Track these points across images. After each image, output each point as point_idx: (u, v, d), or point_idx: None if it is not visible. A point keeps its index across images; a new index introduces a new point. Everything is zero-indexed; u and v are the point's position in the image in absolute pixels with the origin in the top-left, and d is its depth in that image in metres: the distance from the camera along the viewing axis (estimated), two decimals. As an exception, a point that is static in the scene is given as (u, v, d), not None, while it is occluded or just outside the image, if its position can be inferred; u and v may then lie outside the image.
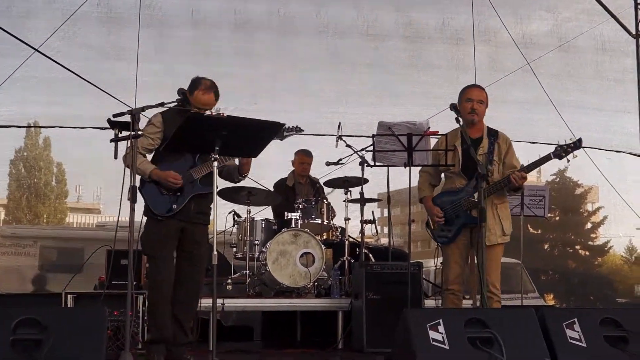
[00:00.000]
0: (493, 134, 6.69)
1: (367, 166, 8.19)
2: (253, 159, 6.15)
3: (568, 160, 6.48)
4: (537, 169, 6.93)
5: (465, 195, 6.56)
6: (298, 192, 9.76)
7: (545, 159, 6.51)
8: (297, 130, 6.32)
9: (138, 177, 5.86)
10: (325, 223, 9.04)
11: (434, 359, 4.65)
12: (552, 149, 6.52)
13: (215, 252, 5.55)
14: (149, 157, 6.17)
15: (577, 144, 6.43)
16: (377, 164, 6.66)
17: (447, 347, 4.71)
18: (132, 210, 5.44)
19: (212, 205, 6.27)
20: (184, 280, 6.19)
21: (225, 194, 8.70)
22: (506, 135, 6.89)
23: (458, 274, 6.63)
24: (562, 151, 6.43)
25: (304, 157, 9.93)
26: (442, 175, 6.88)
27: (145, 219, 6.06)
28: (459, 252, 6.63)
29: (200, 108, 6.05)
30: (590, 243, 33.58)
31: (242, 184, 9.21)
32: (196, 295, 6.33)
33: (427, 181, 6.84)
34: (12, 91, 11.32)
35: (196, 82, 6.15)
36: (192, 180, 6.10)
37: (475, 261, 6.60)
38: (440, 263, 6.86)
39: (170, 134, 5.87)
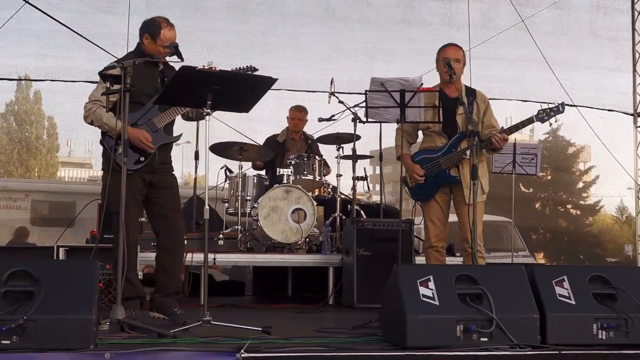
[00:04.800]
0: (471, 93, 6.68)
1: (359, 122, 8.19)
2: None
3: (550, 124, 6.50)
4: (530, 127, 6.94)
5: (444, 153, 6.58)
6: (289, 148, 9.74)
7: (528, 121, 6.53)
8: (252, 69, 6.20)
9: (99, 131, 5.91)
10: (317, 179, 9.04)
11: (424, 315, 4.67)
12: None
13: (207, 207, 5.54)
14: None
15: (560, 108, 6.45)
16: (369, 120, 6.64)
17: (437, 303, 4.73)
18: (124, 164, 5.42)
19: (170, 155, 6.28)
20: (165, 228, 6.16)
21: (217, 150, 8.70)
22: (484, 94, 6.90)
23: (440, 231, 6.71)
24: (544, 115, 6.45)
25: (294, 112, 9.91)
26: (420, 132, 6.89)
27: (103, 173, 5.96)
28: (439, 209, 6.69)
29: (167, 46, 6.01)
30: (581, 202, 33.62)
31: (234, 139, 9.23)
32: (180, 240, 6.30)
33: (404, 139, 6.83)
34: (2, 44, 11.28)
35: (154, 24, 6.09)
36: (155, 129, 6.05)
37: (457, 219, 6.67)
38: (421, 221, 6.91)
39: (135, 84, 5.70)
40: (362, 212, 9.06)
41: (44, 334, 4.22)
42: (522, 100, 12.27)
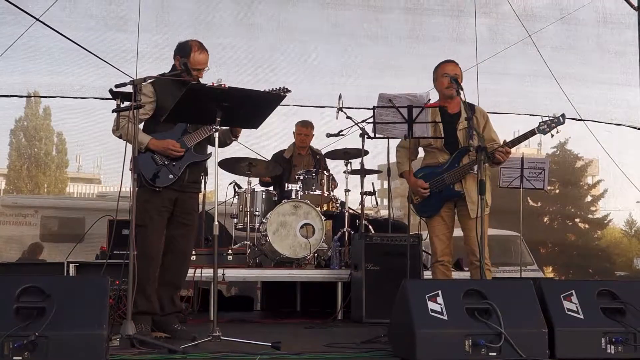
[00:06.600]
0: (470, 108, 6.72)
1: (367, 138, 8.21)
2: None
3: (552, 135, 6.54)
4: (538, 141, 6.99)
5: (448, 169, 6.63)
6: (297, 164, 9.77)
7: (530, 134, 6.60)
8: (284, 91, 6.24)
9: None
10: (325, 194, 9.07)
11: (433, 330, 4.69)
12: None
13: (216, 223, 5.56)
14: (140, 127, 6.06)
15: (561, 119, 6.50)
16: (377, 135, 6.68)
17: (445, 317, 4.75)
18: (134, 180, 5.46)
19: (202, 173, 6.33)
20: (172, 247, 6.19)
21: (226, 165, 8.74)
22: (482, 109, 7.00)
23: (445, 246, 6.74)
24: (545, 126, 6.50)
25: (300, 128, 9.94)
26: (420, 149, 6.93)
27: (136, 189, 5.98)
28: (444, 224, 6.74)
29: (199, 69, 6.06)
30: (589, 216, 33.50)
31: (242, 154, 9.27)
32: (184, 263, 6.34)
33: (405, 156, 6.87)
34: (13, 61, 11.34)
35: (186, 46, 6.12)
36: (185, 148, 6.09)
37: (463, 234, 6.71)
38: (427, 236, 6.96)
39: (164, 103, 5.87)
40: (370, 227, 9.08)
41: (55, 350, 4.25)
42: (530, 115, 12.27)
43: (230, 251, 8.65)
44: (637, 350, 4.87)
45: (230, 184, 9.22)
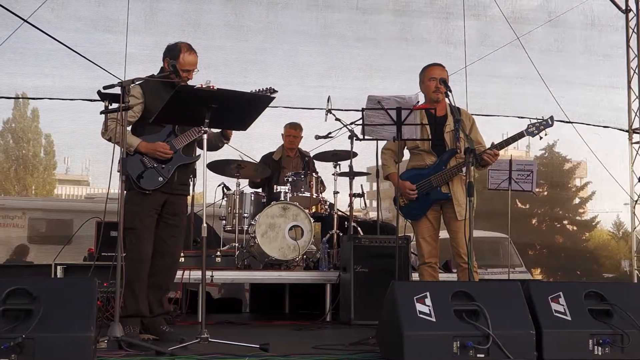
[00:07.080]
0: (456, 111, 6.73)
1: (356, 140, 8.21)
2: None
3: (540, 138, 6.59)
4: (526, 143, 7.04)
5: (434, 171, 6.64)
6: (285, 166, 9.77)
7: (518, 136, 6.65)
8: (271, 91, 6.24)
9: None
10: (314, 196, 9.07)
11: (421, 331, 4.69)
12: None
13: (204, 225, 5.56)
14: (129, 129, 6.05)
15: (549, 122, 6.55)
16: (366, 137, 6.68)
17: (433, 319, 4.75)
18: (122, 182, 5.44)
19: (191, 175, 6.33)
20: (160, 249, 6.16)
21: (214, 167, 8.72)
22: (468, 112, 7.06)
23: (432, 248, 6.79)
24: (534, 129, 6.54)
25: (289, 130, 9.94)
26: (406, 151, 6.94)
27: (125, 192, 5.89)
28: (431, 226, 6.78)
29: (189, 70, 6.06)
30: (578, 218, 33.58)
31: (231, 156, 9.26)
32: (172, 265, 6.32)
33: (391, 158, 6.89)
34: (0, 62, 11.29)
35: (175, 48, 6.12)
36: (174, 150, 6.09)
37: (449, 236, 6.74)
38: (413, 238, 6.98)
39: (152, 105, 5.88)
40: (359, 228, 9.08)
41: (42, 352, 4.24)
42: (518, 117, 12.30)
43: (218, 253, 8.64)
44: (624, 352, 4.88)
45: (219, 185, 9.21)
